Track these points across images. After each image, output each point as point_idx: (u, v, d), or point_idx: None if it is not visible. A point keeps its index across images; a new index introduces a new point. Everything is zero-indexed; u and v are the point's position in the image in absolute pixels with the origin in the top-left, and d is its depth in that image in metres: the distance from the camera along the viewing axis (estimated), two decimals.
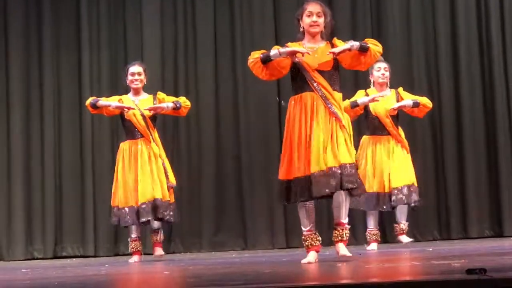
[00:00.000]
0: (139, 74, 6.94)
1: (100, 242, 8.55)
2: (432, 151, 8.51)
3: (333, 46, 5.16)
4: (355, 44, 5.08)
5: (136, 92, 6.96)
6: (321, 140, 4.93)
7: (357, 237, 8.34)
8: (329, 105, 5.01)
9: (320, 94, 5.04)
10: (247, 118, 8.73)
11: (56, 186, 8.66)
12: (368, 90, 7.00)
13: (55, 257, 8.50)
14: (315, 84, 5.06)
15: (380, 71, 6.97)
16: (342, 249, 4.99)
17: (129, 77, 6.96)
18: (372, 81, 7.04)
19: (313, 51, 5.12)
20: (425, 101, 7.00)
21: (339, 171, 4.89)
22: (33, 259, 8.47)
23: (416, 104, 6.92)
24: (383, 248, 7.08)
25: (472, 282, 3.07)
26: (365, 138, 7.04)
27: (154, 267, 5.99)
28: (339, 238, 5.03)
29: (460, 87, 8.58)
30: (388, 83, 7.01)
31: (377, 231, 7.00)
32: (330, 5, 8.73)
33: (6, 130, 8.74)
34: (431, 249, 6.43)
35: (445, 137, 8.56)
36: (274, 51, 5.11)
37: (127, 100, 6.92)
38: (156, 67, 8.69)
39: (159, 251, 6.89)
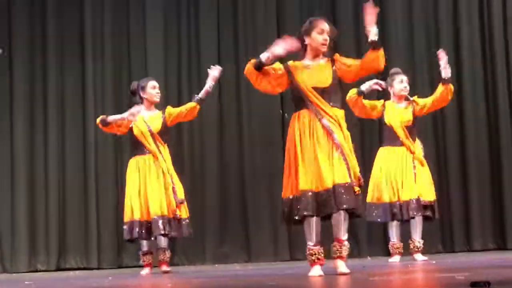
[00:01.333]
0: (159, 87, 7.01)
1: (104, 254, 8.54)
2: (436, 164, 8.49)
3: (334, 62, 5.13)
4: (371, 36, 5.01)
5: (150, 106, 6.96)
6: (320, 158, 4.91)
7: (360, 250, 8.35)
8: (323, 120, 4.97)
9: (314, 112, 4.99)
10: (251, 129, 8.73)
11: (59, 198, 8.66)
12: (386, 102, 6.97)
13: (59, 269, 8.49)
14: (308, 103, 5.02)
15: (403, 83, 6.95)
16: (341, 266, 4.95)
17: (150, 91, 6.92)
18: (392, 92, 6.99)
19: (309, 69, 5.10)
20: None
21: (333, 192, 4.86)
22: (37, 271, 8.46)
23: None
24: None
25: None
26: (380, 149, 7.02)
27: (157, 280, 5.98)
28: (338, 254, 5.00)
29: (463, 89, 8.58)
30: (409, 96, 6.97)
31: (399, 244, 6.88)
32: (333, 8, 8.80)
33: (9, 142, 8.74)
34: (434, 262, 6.42)
35: (449, 150, 8.57)
36: (265, 54, 5.04)
37: (138, 116, 6.89)
38: (160, 72, 8.69)
39: (165, 268, 6.86)
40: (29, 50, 8.87)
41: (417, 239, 6.85)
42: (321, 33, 5.09)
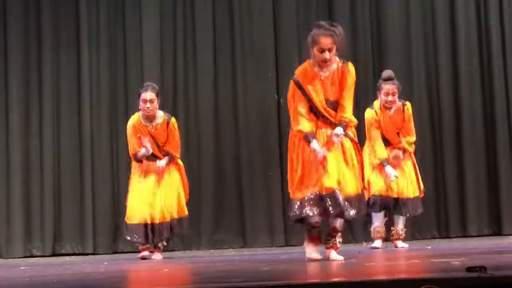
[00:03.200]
0: (151, 101, 6.79)
1: (99, 239, 8.54)
2: (431, 150, 8.51)
3: (344, 70, 5.07)
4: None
5: (148, 117, 6.89)
6: (334, 166, 4.95)
7: (355, 236, 8.36)
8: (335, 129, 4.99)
9: (327, 122, 5.04)
10: (247, 116, 8.72)
11: (55, 184, 8.65)
12: (375, 103, 6.90)
13: (54, 254, 8.48)
14: (321, 114, 5.05)
15: (388, 96, 6.79)
16: (334, 255, 4.97)
17: (141, 104, 6.84)
18: (379, 99, 6.87)
19: (320, 79, 5.07)
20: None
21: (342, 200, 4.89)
22: (32, 256, 8.46)
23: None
24: (385, 246, 7.03)
25: (472, 279, 3.06)
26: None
27: (153, 265, 5.98)
28: (331, 244, 5.00)
29: (460, 86, 8.60)
30: (397, 100, 6.84)
31: (382, 228, 6.86)
32: (330, 8, 8.77)
33: (5, 129, 8.72)
34: (430, 247, 6.43)
35: (444, 136, 8.57)
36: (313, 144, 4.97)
37: (142, 128, 6.86)
38: (155, 66, 8.70)
39: (157, 256, 6.84)
40: (24, 41, 8.81)
41: (400, 226, 6.81)
42: (321, 51, 5.02)
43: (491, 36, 8.62)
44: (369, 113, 6.86)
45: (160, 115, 6.92)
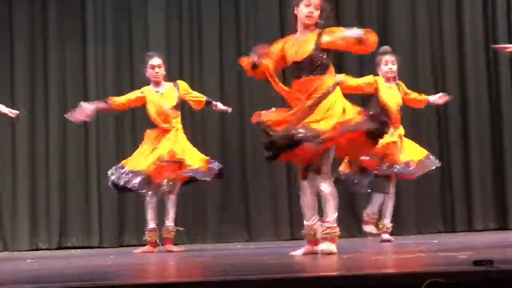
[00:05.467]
0: (159, 66, 6.91)
1: (105, 232, 8.55)
2: (437, 144, 8.49)
3: (320, 35, 5.03)
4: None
5: (157, 83, 6.94)
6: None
7: (362, 230, 8.34)
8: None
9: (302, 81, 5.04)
10: (252, 109, 8.70)
11: (60, 177, 8.66)
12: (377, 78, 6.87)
13: (60, 247, 8.50)
14: (295, 74, 5.07)
15: (388, 65, 6.81)
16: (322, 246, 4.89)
17: (149, 70, 6.91)
18: (379, 74, 6.88)
19: (295, 43, 5.08)
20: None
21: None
22: (38, 249, 8.48)
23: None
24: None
25: (479, 273, 3.06)
26: None
27: (159, 258, 5.99)
28: (324, 235, 4.92)
29: (466, 80, 8.58)
30: (396, 75, 6.90)
31: (376, 215, 6.83)
32: (337, 7, 8.75)
33: (11, 122, 8.72)
34: (436, 241, 6.43)
35: (450, 130, 8.56)
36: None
37: (150, 92, 6.91)
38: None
39: (170, 247, 6.83)
40: (29, 34, 8.84)
41: (387, 219, 6.81)
42: (307, 5, 5.03)
43: (498, 33, 8.59)
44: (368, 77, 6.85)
45: (167, 82, 7.01)
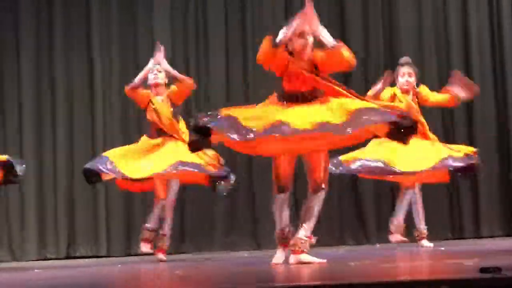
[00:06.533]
0: (158, 68, 6.93)
1: (113, 242, 8.56)
2: None
3: None
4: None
5: (156, 90, 6.89)
6: None
7: (369, 237, 8.35)
8: None
9: None
10: None
11: (68, 186, 8.67)
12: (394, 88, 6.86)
13: (68, 257, 8.51)
14: None
15: (404, 77, 6.81)
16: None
17: (149, 75, 6.91)
18: (397, 85, 6.85)
19: None
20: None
21: None
22: (46, 259, 8.49)
23: None
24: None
25: (486, 280, 3.06)
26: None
27: (166, 267, 5.99)
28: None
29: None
30: (414, 87, 6.84)
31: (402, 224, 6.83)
32: (342, 7, 8.77)
33: (18, 130, 8.75)
34: (443, 249, 6.42)
35: (456, 136, 8.53)
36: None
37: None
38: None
39: (161, 257, 6.73)
40: (35, 36, 8.84)
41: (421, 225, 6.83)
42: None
43: (504, 35, 8.59)
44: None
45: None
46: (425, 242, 6.80)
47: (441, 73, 8.59)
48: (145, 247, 6.75)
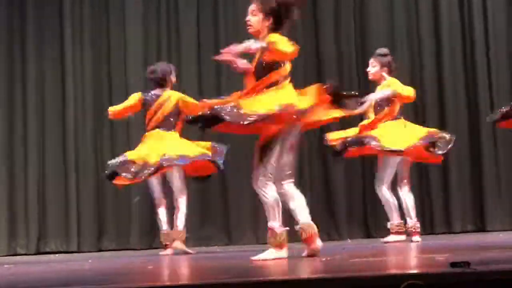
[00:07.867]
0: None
1: (84, 237, 8.52)
2: None
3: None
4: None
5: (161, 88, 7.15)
6: None
7: (340, 232, 8.38)
8: None
9: None
10: None
11: (39, 181, 8.62)
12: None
13: (38, 252, 8.46)
14: None
15: (368, 67, 7.04)
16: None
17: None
18: None
19: None
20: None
21: None
22: (16, 254, 8.43)
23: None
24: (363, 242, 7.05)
25: (456, 275, 3.08)
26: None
27: (137, 262, 5.97)
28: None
29: (444, 85, 8.62)
30: (386, 74, 6.95)
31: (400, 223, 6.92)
32: (314, 9, 8.78)
33: None
34: (414, 243, 6.46)
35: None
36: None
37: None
38: (139, 64, 8.66)
39: (186, 249, 6.81)
40: (7, 33, 8.80)
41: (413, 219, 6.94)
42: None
43: (475, 35, 8.64)
44: None
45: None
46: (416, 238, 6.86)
47: (414, 74, 8.61)
48: (169, 250, 6.82)
